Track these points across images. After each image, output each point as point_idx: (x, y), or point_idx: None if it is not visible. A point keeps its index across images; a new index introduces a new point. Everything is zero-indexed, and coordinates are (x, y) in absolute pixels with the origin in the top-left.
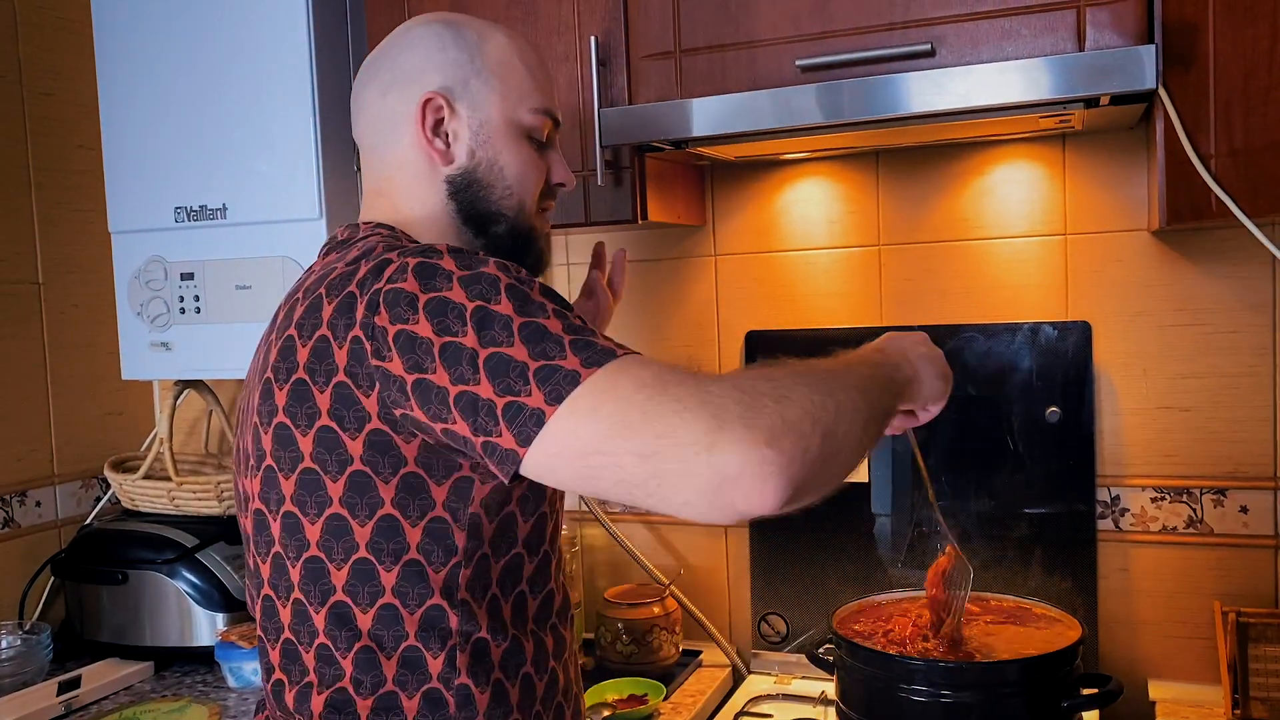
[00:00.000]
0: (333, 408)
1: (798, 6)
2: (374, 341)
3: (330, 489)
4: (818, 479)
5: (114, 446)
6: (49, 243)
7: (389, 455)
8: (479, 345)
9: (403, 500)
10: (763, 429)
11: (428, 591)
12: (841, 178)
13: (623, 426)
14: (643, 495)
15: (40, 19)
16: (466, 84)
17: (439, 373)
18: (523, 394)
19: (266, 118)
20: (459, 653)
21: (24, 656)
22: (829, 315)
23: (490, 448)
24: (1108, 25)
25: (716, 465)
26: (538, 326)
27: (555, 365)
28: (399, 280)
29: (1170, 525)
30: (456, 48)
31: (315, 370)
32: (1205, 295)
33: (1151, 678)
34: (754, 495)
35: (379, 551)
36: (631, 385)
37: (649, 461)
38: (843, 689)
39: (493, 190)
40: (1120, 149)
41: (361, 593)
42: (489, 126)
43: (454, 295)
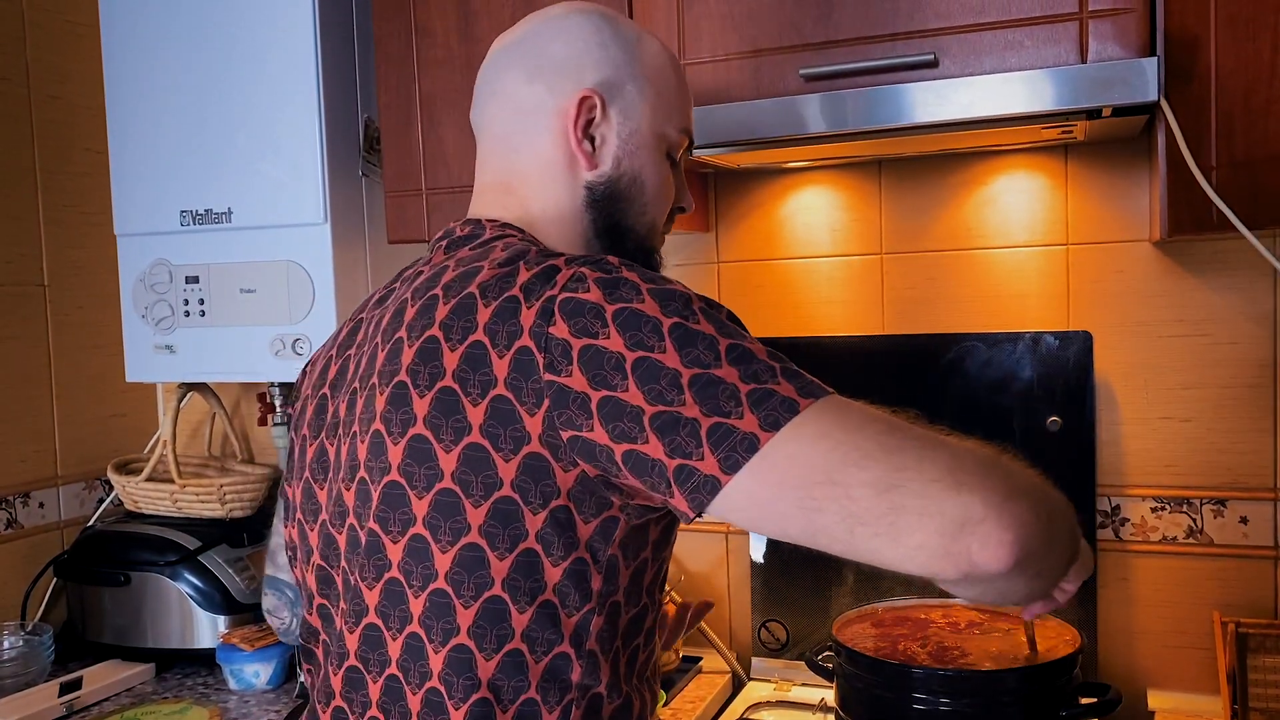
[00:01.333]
0: (486, 423)
1: (801, 16)
2: (547, 354)
3: (470, 515)
4: (1041, 556)
5: (117, 448)
6: (54, 245)
7: (542, 484)
8: (681, 365)
9: (547, 535)
10: (1003, 483)
11: (557, 638)
12: (844, 186)
13: (860, 455)
14: (868, 534)
15: (48, 22)
16: (623, 87)
17: (631, 390)
18: (733, 416)
19: (272, 122)
20: (574, 708)
21: (26, 657)
22: (831, 323)
23: (685, 472)
24: (1110, 37)
25: (962, 504)
26: (744, 350)
27: (769, 390)
28: (578, 289)
29: (1170, 535)
30: (617, 45)
31: (468, 379)
32: (1206, 306)
33: (1151, 688)
34: (992, 545)
35: (514, 589)
36: (862, 417)
37: (886, 495)
38: (842, 696)
39: (632, 205)
40: (1122, 160)
41: (489, 636)
42: (638, 137)
43: (646, 308)
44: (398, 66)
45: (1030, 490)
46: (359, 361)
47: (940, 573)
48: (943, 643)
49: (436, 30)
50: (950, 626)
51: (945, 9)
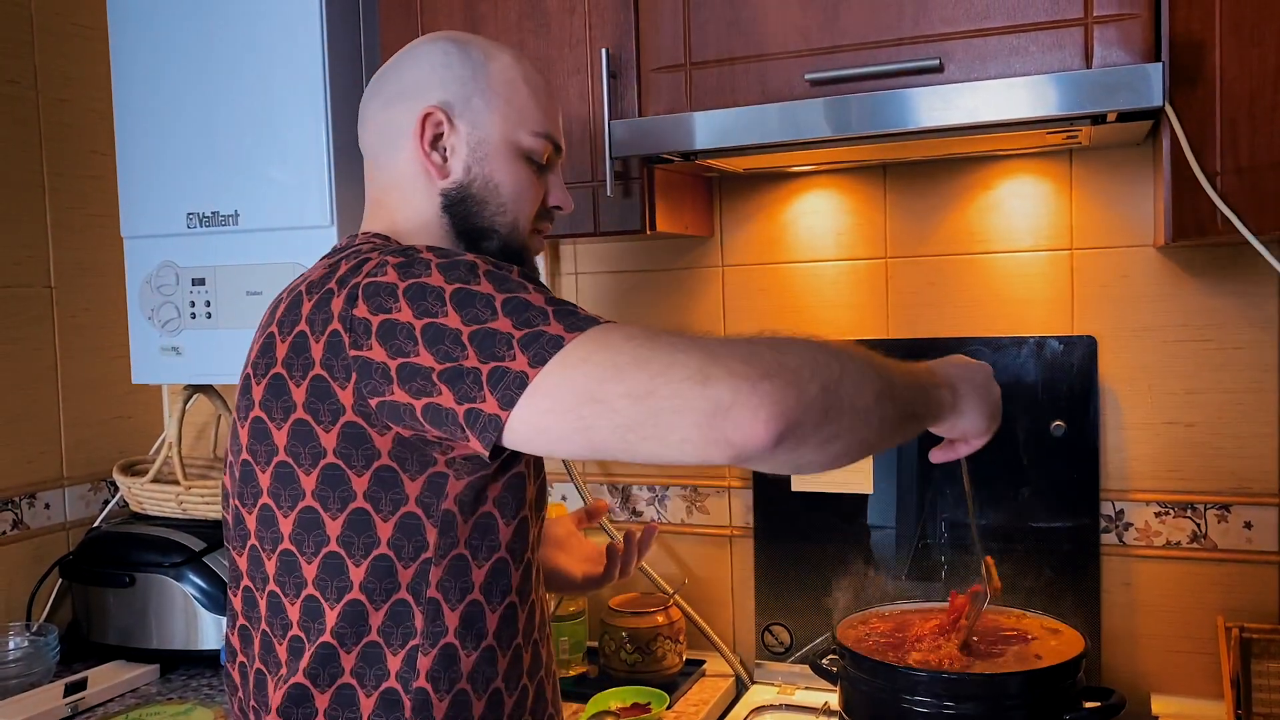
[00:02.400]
0: (308, 401)
1: (807, 21)
2: (352, 333)
3: (304, 482)
4: (816, 425)
5: (123, 450)
6: (62, 247)
7: (362, 448)
8: (462, 324)
9: (375, 494)
10: (757, 366)
11: (394, 586)
12: (849, 191)
13: (614, 370)
14: (638, 439)
15: (56, 26)
16: (468, 101)
17: (422, 354)
18: (506, 359)
19: (279, 125)
20: (420, 655)
21: (31, 658)
22: (835, 327)
23: (473, 415)
24: (1115, 43)
25: (710, 396)
26: (520, 300)
27: (539, 331)
28: (378, 274)
29: (1174, 540)
30: (461, 64)
31: (292, 365)
32: (1210, 311)
33: (1154, 692)
34: (746, 425)
35: (349, 545)
36: (621, 336)
37: (644, 401)
38: (846, 699)
39: (486, 206)
40: (1127, 165)
41: (330, 587)
42: (487, 144)
43: (433, 280)
44: None
45: (799, 365)
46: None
47: (711, 459)
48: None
49: None
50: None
51: (950, 14)
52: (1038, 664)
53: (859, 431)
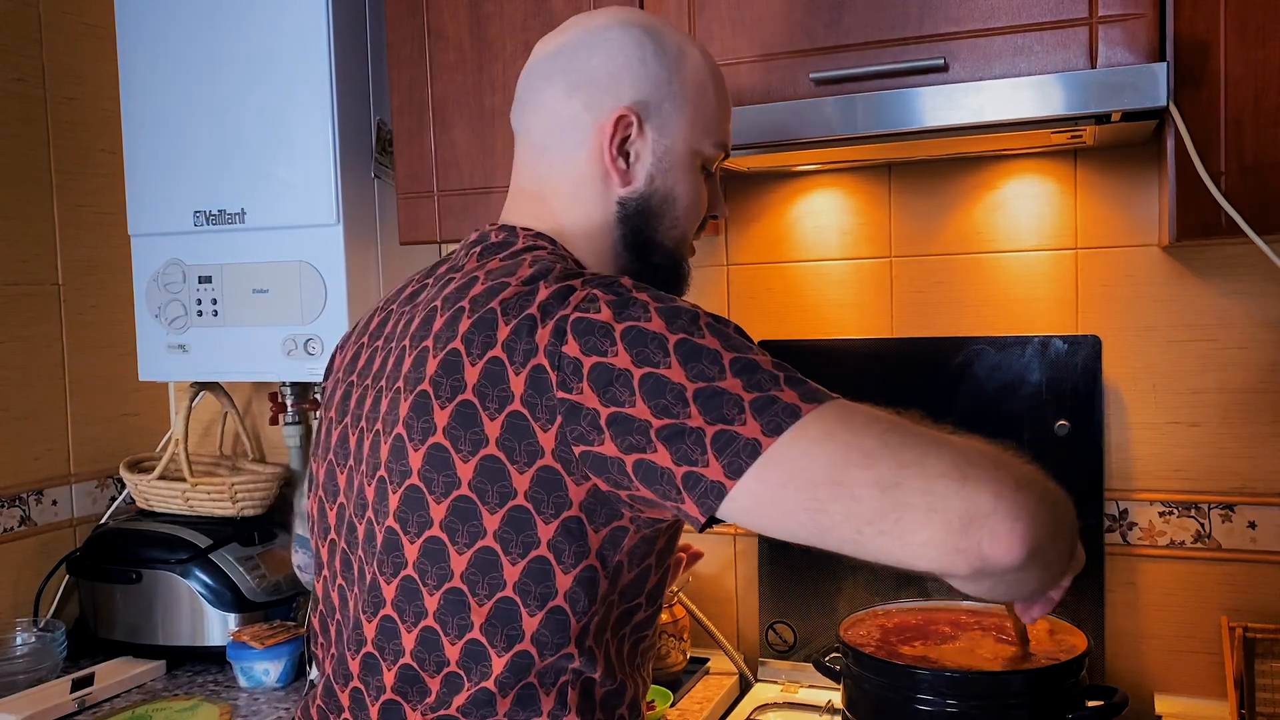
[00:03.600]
0: (502, 437)
1: (812, 20)
2: (560, 372)
3: (486, 521)
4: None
5: (130, 447)
6: (69, 244)
7: (554, 494)
8: (686, 379)
9: (559, 544)
10: (1010, 475)
11: (564, 641)
12: (854, 190)
13: (862, 454)
14: (874, 533)
15: (64, 25)
16: (660, 105)
17: (639, 406)
18: (736, 423)
19: (286, 123)
20: (570, 689)
21: (38, 654)
22: (840, 326)
23: (692, 479)
24: (1120, 43)
25: (968, 498)
26: (749, 361)
27: (773, 397)
28: (589, 310)
29: (1178, 540)
30: (658, 62)
31: (486, 395)
32: (1215, 311)
33: (1158, 692)
34: (1002, 538)
35: (525, 593)
36: (865, 418)
37: (891, 493)
38: (849, 698)
39: (662, 220)
40: (1131, 165)
41: (499, 634)
42: (673, 154)
43: (652, 326)
44: (410, 69)
45: (1035, 482)
46: (385, 359)
47: (951, 568)
48: (950, 644)
49: (449, 34)
50: (957, 628)
51: (955, 14)
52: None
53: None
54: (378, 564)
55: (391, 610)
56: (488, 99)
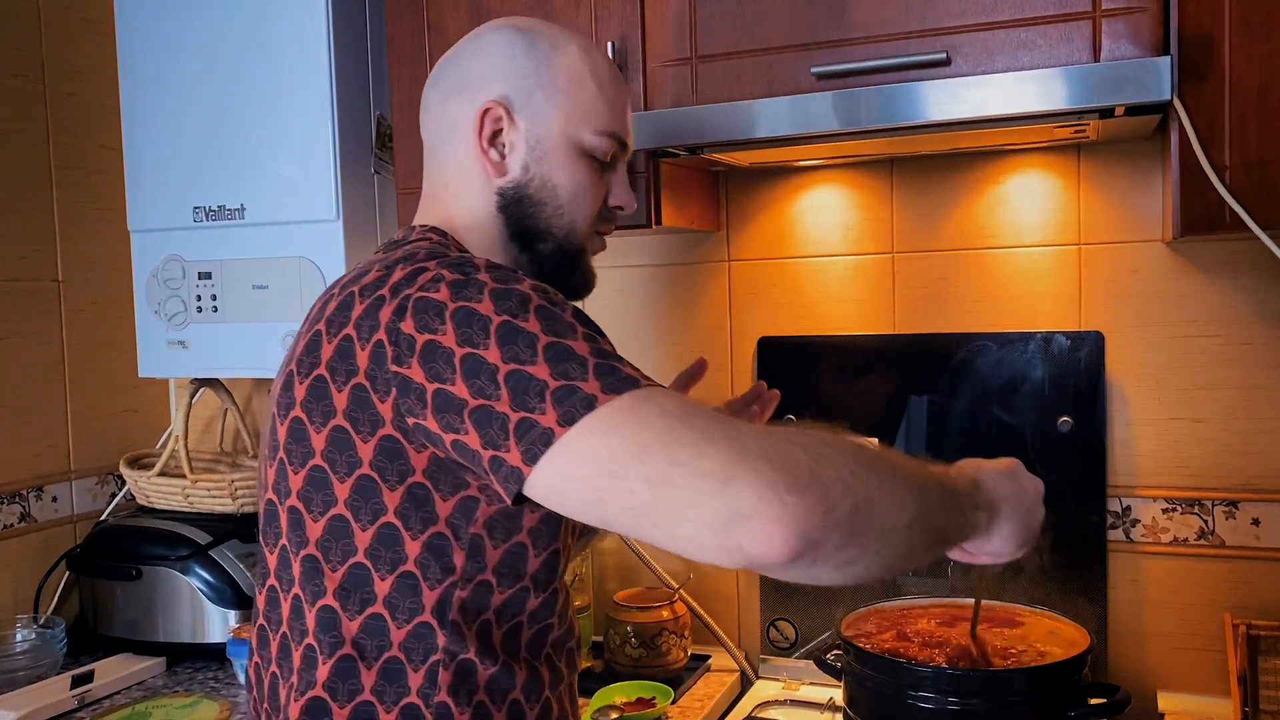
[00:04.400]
0: (348, 408)
1: (813, 14)
2: (396, 347)
3: (337, 489)
4: (838, 547)
5: (130, 443)
6: (69, 240)
7: (397, 462)
8: (501, 360)
9: (405, 510)
10: (787, 474)
11: (418, 607)
12: (856, 185)
13: (638, 449)
14: (649, 525)
15: (63, 20)
16: (530, 96)
17: (458, 384)
18: (536, 412)
19: (285, 119)
20: (441, 669)
21: (38, 650)
22: (842, 322)
23: (496, 463)
24: (1124, 36)
25: (730, 499)
26: (563, 347)
27: (574, 386)
28: (431, 290)
29: (1181, 537)
30: (526, 56)
31: (336, 368)
32: (1219, 306)
33: (1161, 689)
34: (762, 540)
35: (376, 559)
36: (655, 411)
37: (660, 489)
38: (850, 695)
39: (543, 208)
40: (1135, 160)
41: (352, 598)
42: (546, 143)
43: (482, 308)
44: (410, 64)
45: (833, 479)
46: (292, 349)
47: (718, 562)
48: (951, 642)
49: (449, 28)
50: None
51: (958, 8)
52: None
53: (883, 555)
54: (263, 537)
55: (274, 579)
56: None
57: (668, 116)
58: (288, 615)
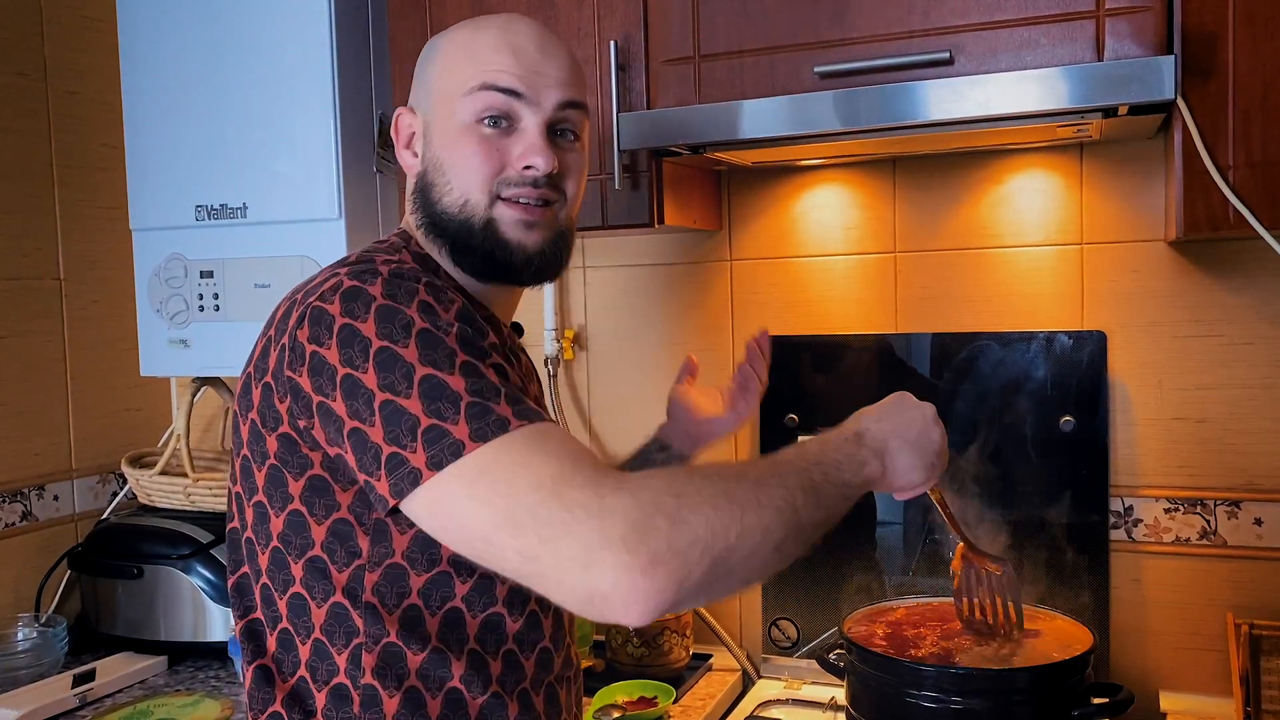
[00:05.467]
0: (260, 405)
1: (817, 13)
2: (292, 353)
3: (256, 478)
4: (692, 601)
5: (131, 442)
6: (71, 239)
7: (296, 456)
8: (377, 387)
9: (309, 499)
10: (644, 555)
11: (330, 589)
12: (858, 184)
13: (511, 525)
14: (528, 584)
15: (65, 18)
16: (419, 92)
17: (338, 402)
18: (407, 449)
19: (288, 118)
20: (364, 652)
21: (40, 649)
22: (844, 321)
23: (370, 487)
24: (1127, 35)
25: (590, 583)
26: (437, 382)
27: (444, 430)
28: (328, 300)
29: (1183, 536)
30: (423, 57)
31: (258, 368)
32: (1222, 306)
33: (1163, 689)
34: (619, 614)
35: (288, 544)
36: (529, 482)
37: (531, 564)
38: (852, 694)
39: (435, 189)
40: (1138, 159)
41: (277, 579)
42: (431, 127)
43: (365, 328)
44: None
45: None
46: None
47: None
48: (954, 641)
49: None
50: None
51: (961, 7)
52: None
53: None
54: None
55: (247, 567)
56: None
57: (670, 115)
58: (244, 597)
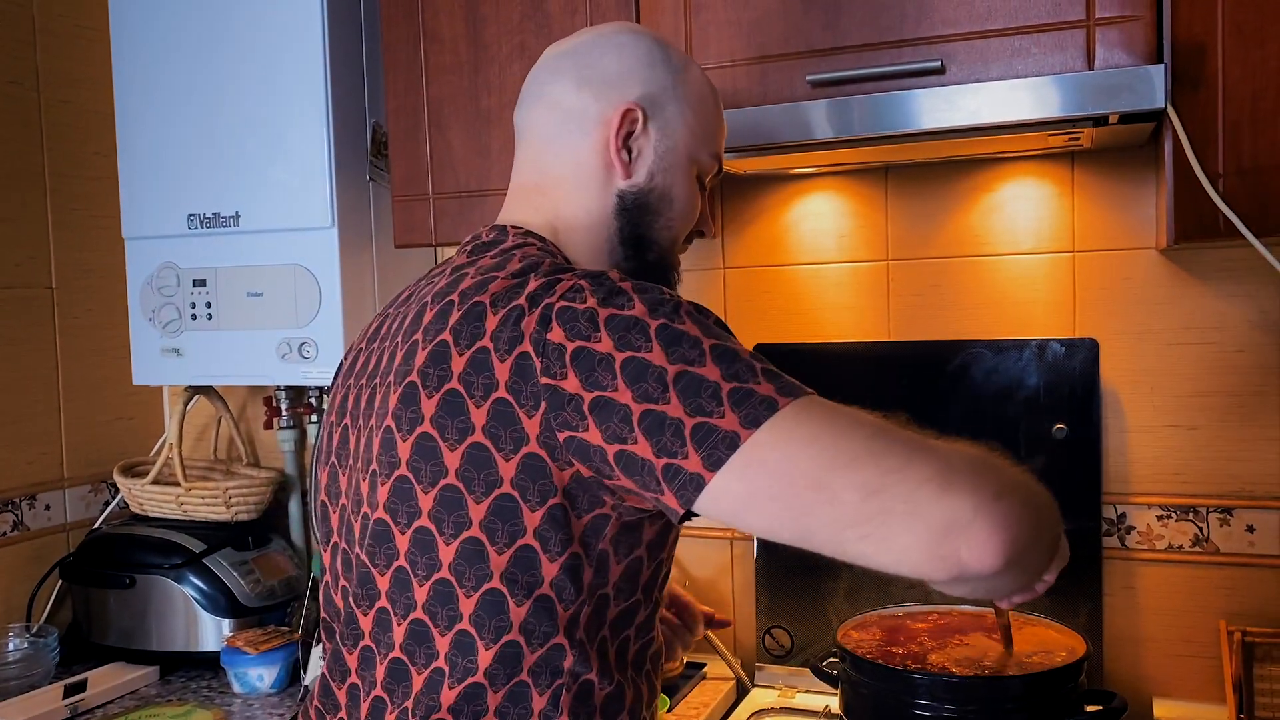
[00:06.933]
0: (488, 425)
1: (809, 22)
2: (545, 359)
3: (471, 510)
4: (1029, 551)
5: (124, 451)
6: (63, 248)
7: (540, 482)
8: (668, 362)
9: (545, 532)
10: (992, 483)
11: (553, 630)
12: (851, 193)
13: (848, 458)
14: (855, 538)
15: (58, 27)
16: (665, 106)
17: (621, 389)
18: (715, 415)
19: (280, 126)
20: (565, 692)
21: (31, 659)
22: (837, 329)
23: (672, 471)
24: (1117, 44)
25: (949, 507)
26: (726, 349)
27: (749, 389)
28: (575, 299)
29: (1176, 544)
30: (665, 68)
31: (472, 383)
32: (1213, 314)
33: (1156, 696)
34: (980, 547)
35: (512, 583)
36: (848, 421)
37: (874, 499)
38: (847, 703)
39: (659, 218)
40: (1129, 167)
41: (487, 626)
42: (673, 155)
43: (636, 312)
44: (406, 72)
45: (1018, 487)
46: (380, 358)
47: (930, 574)
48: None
49: (445, 36)
50: (955, 632)
51: (952, 16)
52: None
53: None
54: (370, 556)
55: (385, 602)
56: (483, 101)
57: None
58: (402, 640)
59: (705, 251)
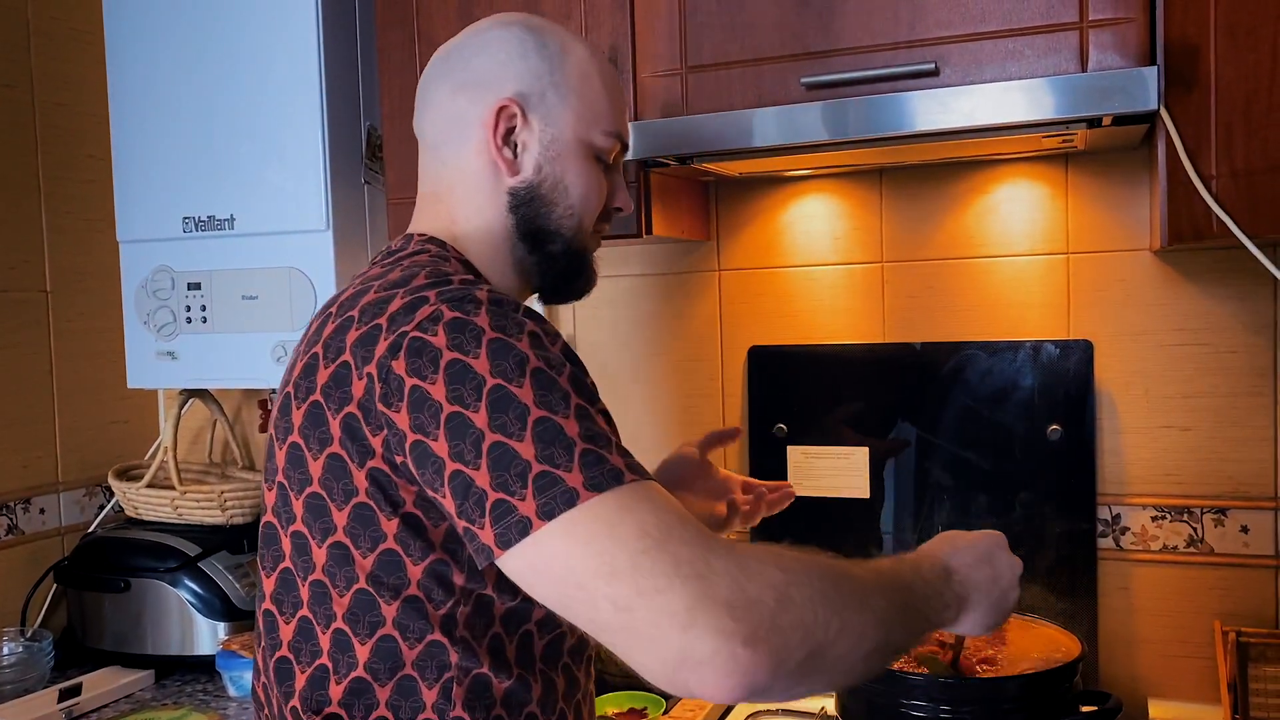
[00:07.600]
0: (342, 436)
1: (803, 25)
2: (385, 385)
3: (335, 516)
4: (783, 689)
5: (118, 455)
6: (57, 251)
7: (389, 494)
8: (488, 428)
9: (404, 538)
10: (748, 625)
11: (428, 627)
12: (845, 195)
13: (610, 571)
14: (608, 639)
15: (52, 30)
16: (543, 96)
17: (440, 442)
18: (516, 496)
19: (275, 129)
20: (455, 685)
21: (25, 663)
22: (832, 331)
23: (470, 535)
24: (1110, 46)
25: (687, 644)
26: (553, 425)
27: (557, 477)
28: (428, 330)
29: (1171, 544)
30: (538, 56)
31: (331, 394)
32: (1206, 315)
33: (1151, 696)
34: (710, 686)
35: (379, 585)
36: (634, 530)
37: (623, 615)
38: (843, 704)
39: (554, 208)
40: (1122, 169)
41: (362, 622)
42: (559, 143)
43: (477, 365)
44: (400, 74)
45: (793, 626)
46: (290, 369)
47: (666, 690)
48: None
49: (439, 38)
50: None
51: (946, 18)
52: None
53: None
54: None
55: (271, 604)
56: None
57: (658, 126)
58: (289, 639)
59: (700, 254)
